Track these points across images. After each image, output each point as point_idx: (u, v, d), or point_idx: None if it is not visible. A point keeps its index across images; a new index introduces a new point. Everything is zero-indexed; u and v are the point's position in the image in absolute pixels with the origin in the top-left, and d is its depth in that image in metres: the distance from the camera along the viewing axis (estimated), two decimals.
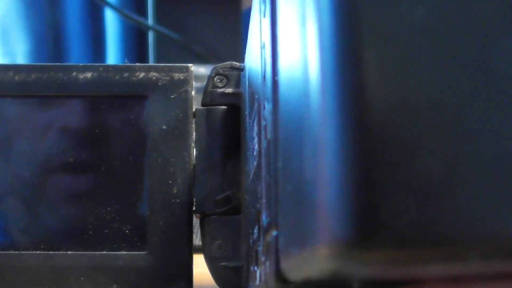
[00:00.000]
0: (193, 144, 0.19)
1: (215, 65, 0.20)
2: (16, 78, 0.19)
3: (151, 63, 0.56)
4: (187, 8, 0.56)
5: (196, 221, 0.19)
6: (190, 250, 0.19)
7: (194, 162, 0.19)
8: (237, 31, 0.57)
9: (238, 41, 0.56)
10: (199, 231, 0.28)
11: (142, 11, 0.59)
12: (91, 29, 0.64)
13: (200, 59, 0.52)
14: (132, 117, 0.19)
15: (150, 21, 0.54)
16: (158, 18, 0.55)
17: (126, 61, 0.60)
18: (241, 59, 0.62)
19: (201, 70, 0.34)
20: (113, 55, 0.63)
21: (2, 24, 0.61)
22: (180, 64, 0.20)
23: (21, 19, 0.61)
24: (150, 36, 0.55)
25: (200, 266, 0.19)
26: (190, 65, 0.20)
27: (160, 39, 0.54)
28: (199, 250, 0.27)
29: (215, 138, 0.19)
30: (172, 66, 0.20)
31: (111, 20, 0.63)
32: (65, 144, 0.19)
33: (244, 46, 0.20)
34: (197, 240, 0.29)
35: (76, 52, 0.64)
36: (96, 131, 0.19)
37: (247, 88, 0.18)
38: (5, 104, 0.19)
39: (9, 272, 0.18)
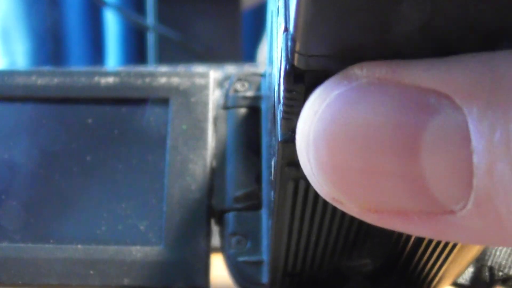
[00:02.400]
0: (212, 144, 0.20)
1: (237, 72, 0.20)
2: (39, 82, 0.20)
3: (151, 63, 0.56)
4: (187, 8, 0.56)
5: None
6: (208, 247, 0.19)
7: (213, 160, 0.20)
8: (237, 31, 0.57)
9: (238, 41, 0.57)
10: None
11: (142, 11, 0.59)
12: (91, 29, 0.64)
13: (200, 59, 0.52)
14: (153, 118, 0.20)
15: (150, 21, 0.55)
16: (158, 18, 0.55)
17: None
18: (241, 59, 0.62)
19: (201, 70, 0.35)
20: (113, 55, 0.63)
21: (2, 24, 0.61)
22: (201, 71, 0.20)
23: (21, 19, 0.61)
24: (150, 36, 0.55)
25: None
26: (210, 71, 0.20)
27: (160, 39, 0.54)
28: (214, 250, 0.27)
29: (235, 138, 0.20)
30: (193, 72, 0.20)
31: (111, 20, 0.63)
32: (85, 141, 0.20)
33: (244, 46, 0.21)
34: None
35: (76, 52, 0.64)
36: (116, 131, 0.20)
37: (267, 92, 0.18)
38: (27, 107, 0.20)
39: (18, 264, 0.18)
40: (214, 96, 0.20)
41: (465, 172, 0.07)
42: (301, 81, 0.08)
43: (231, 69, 0.42)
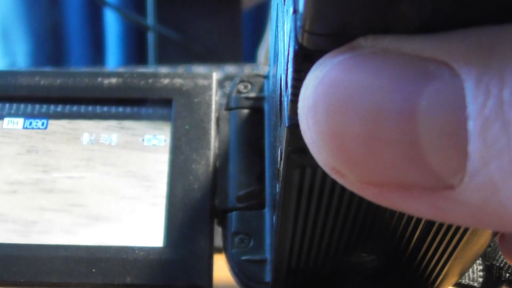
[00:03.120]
0: (215, 144, 0.20)
1: (242, 67, 0.21)
2: (42, 83, 0.20)
3: (151, 63, 0.56)
4: (187, 8, 0.56)
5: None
6: (211, 246, 0.19)
7: (217, 160, 0.20)
8: (237, 31, 0.57)
9: (238, 41, 0.57)
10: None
11: (142, 11, 0.59)
12: (91, 29, 0.64)
13: (200, 59, 0.53)
14: (155, 118, 0.20)
15: (150, 21, 0.55)
16: (158, 18, 0.55)
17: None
18: (241, 59, 0.62)
19: (202, 70, 0.35)
20: (113, 55, 0.63)
21: (2, 24, 0.61)
22: (204, 72, 0.20)
23: (21, 19, 0.61)
24: (150, 36, 0.55)
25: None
26: (213, 73, 0.21)
27: (160, 39, 0.54)
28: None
29: (238, 138, 0.20)
30: (196, 73, 0.21)
31: (111, 20, 0.63)
32: (83, 143, 0.20)
33: (244, 46, 0.21)
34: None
35: (76, 52, 0.64)
36: (120, 131, 0.20)
37: (271, 93, 0.19)
38: (30, 107, 0.20)
39: (20, 262, 0.18)
40: (216, 97, 0.21)
41: (461, 138, 0.07)
42: (310, 60, 0.08)
43: (231, 69, 0.42)
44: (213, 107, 0.20)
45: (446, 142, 0.07)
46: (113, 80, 0.20)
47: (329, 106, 0.07)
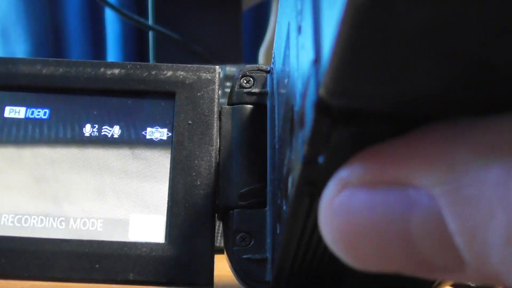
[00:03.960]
0: (218, 140, 0.20)
1: (242, 68, 0.20)
2: (44, 71, 0.20)
3: (151, 63, 0.56)
4: (187, 8, 0.56)
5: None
6: (212, 243, 0.19)
7: (219, 156, 0.20)
8: (237, 31, 0.57)
9: (238, 41, 0.57)
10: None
11: (142, 11, 0.59)
12: (91, 29, 0.64)
13: (200, 59, 0.52)
14: (157, 111, 0.20)
15: (150, 21, 0.55)
16: (158, 18, 0.55)
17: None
18: (241, 59, 0.62)
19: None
20: (113, 55, 0.63)
21: (2, 24, 0.61)
22: (208, 65, 0.20)
23: (21, 19, 0.61)
24: (150, 36, 0.55)
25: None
26: (217, 66, 0.20)
27: (160, 39, 0.54)
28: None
29: (240, 134, 0.20)
30: (199, 66, 0.20)
31: (111, 20, 0.63)
32: (89, 133, 0.19)
33: (244, 46, 0.21)
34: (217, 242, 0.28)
35: (76, 52, 0.64)
36: (122, 123, 0.20)
37: (275, 89, 0.18)
38: (32, 97, 0.20)
39: (24, 257, 0.18)
40: (220, 91, 0.20)
41: (452, 251, 0.08)
42: (329, 114, 0.09)
43: (231, 70, 0.42)
44: (216, 101, 0.20)
45: (442, 254, 0.08)
46: (116, 71, 0.20)
47: (342, 236, 0.09)
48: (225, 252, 0.19)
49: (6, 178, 0.19)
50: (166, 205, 0.19)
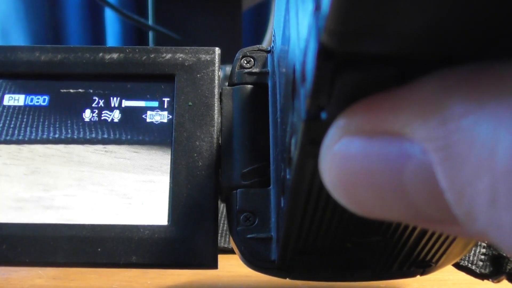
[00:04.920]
0: (219, 120, 0.20)
1: (242, 49, 0.20)
2: (42, 58, 0.20)
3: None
4: (187, 8, 0.56)
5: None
6: (216, 224, 0.18)
7: (220, 137, 0.19)
8: (237, 31, 0.57)
9: (238, 41, 0.57)
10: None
11: (142, 11, 0.59)
12: (91, 29, 0.64)
13: None
14: (158, 94, 0.20)
15: (150, 21, 0.55)
16: (158, 18, 0.55)
17: None
18: None
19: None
20: None
21: (2, 24, 0.61)
22: (207, 47, 0.20)
23: (21, 19, 0.61)
24: (150, 36, 0.55)
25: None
26: (216, 48, 0.20)
27: (160, 39, 0.54)
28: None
29: (242, 114, 0.20)
30: (198, 48, 0.20)
31: (111, 20, 0.63)
32: (89, 118, 0.19)
33: (244, 46, 0.21)
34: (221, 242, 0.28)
35: None
36: (122, 106, 0.20)
37: (276, 68, 0.18)
38: (31, 84, 0.20)
39: (26, 242, 0.18)
40: (220, 72, 0.20)
41: (445, 205, 0.08)
42: (331, 60, 0.08)
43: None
44: (216, 82, 0.20)
45: (434, 208, 0.08)
46: (115, 56, 0.20)
47: (342, 171, 0.09)
48: (228, 233, 0.19)
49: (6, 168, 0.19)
50: (168, 187, 0.19)
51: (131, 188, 0.19)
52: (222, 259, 0.19)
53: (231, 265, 0.26)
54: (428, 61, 0.08)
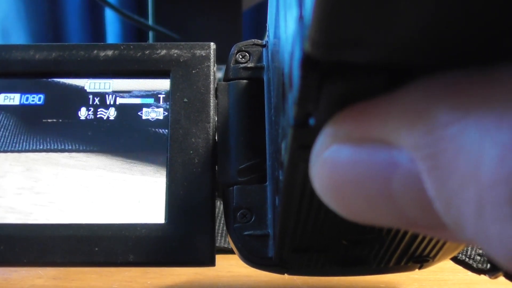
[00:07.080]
0: (215, 116, 0.19)
1: (237, 43, 0.20)
2: (37, 57, 0.20)
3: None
4: (187, 8, 0.56)
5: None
6: (213, 222, 0.18)
7: (216, 133, 0.19)
8: (237, 31, 0.57)
9: (238, 41, 0.57)
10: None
11: (142, 11, 0.59)
12: (91, 29, 0.64)
13: None
14: (153, 91, 0.20)
15: (150, 21, 0.55)
16: (158, 18, 0.55)
17: None
18: None
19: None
20: None
21: (2, 24, 0.61)
22: (202, 42, 0.20)
23: (21, 19, 0.61)
24: (150, 36, 0.55)
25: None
26: (211, 43, 0.20)
27: (160, 39, 0.54)
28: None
29: (238, 110, 0.19)
30: (193, 44, 0.20)
31: (111, 20, 0.63)
32: (85, 116, 0.19)
33: None
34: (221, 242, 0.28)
35: None
36: (117, 103, 0.19)
37: (270, 62, 0.18)
38: (27, 83, 0.20)
39: (23, 243, 0.18)
40: (215, 68, 0.20)
41: (434, 213, 0.08)
42: (316, 69, 0.08)
43: None
44: (212, 78, 0.20)
45: (422, 215, 0.08)
46: (109, 53, 0.20)
47: (331, 178, 0.09)
48: (225, 229, 0.19)
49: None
50: (164, 185, 0.19)
51: (127, 187, 0.19)
52: (221, 259, 0.19)
53: (231, 265, 0.26)
54: (414, 68, 0.08)
